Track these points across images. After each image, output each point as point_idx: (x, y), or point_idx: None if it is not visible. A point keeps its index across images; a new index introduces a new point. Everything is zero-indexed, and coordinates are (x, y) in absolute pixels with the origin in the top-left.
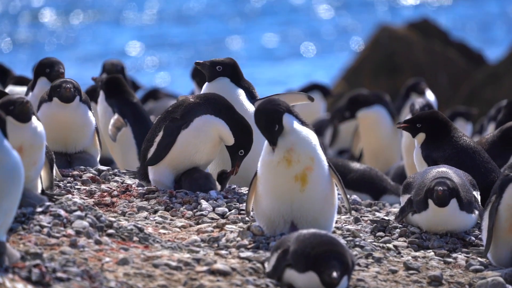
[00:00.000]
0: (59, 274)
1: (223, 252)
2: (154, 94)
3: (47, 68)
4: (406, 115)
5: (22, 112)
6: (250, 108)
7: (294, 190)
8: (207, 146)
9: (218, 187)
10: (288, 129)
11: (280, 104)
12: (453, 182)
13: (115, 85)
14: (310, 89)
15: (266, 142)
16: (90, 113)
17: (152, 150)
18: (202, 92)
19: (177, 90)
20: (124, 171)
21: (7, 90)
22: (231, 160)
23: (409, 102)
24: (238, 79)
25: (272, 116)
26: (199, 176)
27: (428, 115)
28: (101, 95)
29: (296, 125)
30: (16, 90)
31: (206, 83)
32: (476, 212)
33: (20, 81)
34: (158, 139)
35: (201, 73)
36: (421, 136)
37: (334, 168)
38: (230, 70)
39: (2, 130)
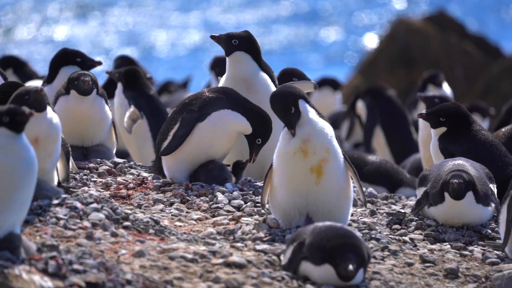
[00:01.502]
0: (76, 266)
1: (238, 244)
2: (168, 87)
3: (78, 58)
4: (422, 107)
5: (36, 100)
6: (268, 83)
7: (310, 182)
8: (223, 141)
9: (233, 178)
10: (305, 118)
11: (296, 89)
12: (469, 175)
13: (134, 77)
14: (321, 83)
15: (282, 133)
16: (106, 107)
17: (166, 143)
18: (227, 68)
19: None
20: (140, 165)
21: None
22: (250, 148)
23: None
24: (256, 54)
25: (287, 98)
26: (213, 167)
27: (451, 110)
28: (119, 87)
29: (313, 115)
30: (32, 83)
31: (227, 59)
32: (493, 205)
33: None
34: (173, 131)
35: (220, 64)
36: (442, 129)
37: (349, 161)
38: (246, 44)
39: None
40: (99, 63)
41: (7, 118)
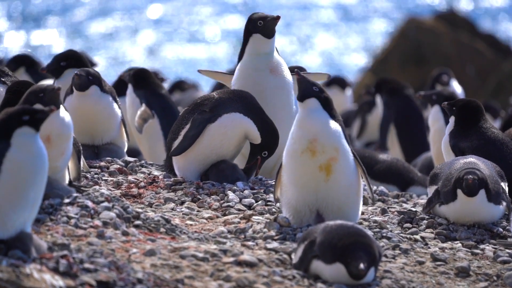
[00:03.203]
0: (87, 265)
1: (250, 243)
2: (180, 85)
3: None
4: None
5: (52, 98)
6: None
7: (319, 180)
8: (233, 142)
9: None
10: (310, 117)
11: (319, 91)
12: (481, 173)
13: (143, 77)
14: (329, 83)
15: (290, 132)
16: (115, 105)
17: (177, 142)
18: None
19: None
20: (151, 163)
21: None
22: (250, 156)
23: None
24: None
25: (310, 84)
26: (225, 166)
27: (463, 102)
28: (130, 87)
29: (320, 115)
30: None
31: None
32: (504, 203)
33: None
34: (184, 131)
35: None
36: (452, 119)
37: (358, 159)
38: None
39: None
40: (42, 69)
41: (27, 117)
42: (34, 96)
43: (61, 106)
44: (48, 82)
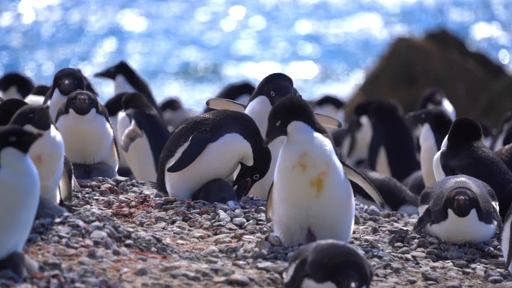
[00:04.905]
0: (78, 285)
1: (241, 262)
2: (171, 104)
3: (59, 80)
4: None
5: (41, 118)
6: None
7: (310, 196)
8: (231, 163)
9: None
10: (297, 136)
11: (296, 108)
12: (472, 193)
13: (134, 99)
14: (323, 102)
15: (280, 150)
16: (107, 125)
17: (172, 159)
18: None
19: None
20: (142, 182)
21: (26, 99)
22: (239, 176)
23: None
24: None
25: (280, 112)
26: (214, 186)
27: (456, 121)
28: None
29: (309, 132)
30: (35, 100)
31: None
32: (495, 222)
33: (40, 91)
34: (182, 148)
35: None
36: (446, 142)
37: (355, 169)
38: None
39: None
40: (67, 85)
41: (14, 138)
42: (24, 117)
43: (52, 125)
44: (38, 99)
